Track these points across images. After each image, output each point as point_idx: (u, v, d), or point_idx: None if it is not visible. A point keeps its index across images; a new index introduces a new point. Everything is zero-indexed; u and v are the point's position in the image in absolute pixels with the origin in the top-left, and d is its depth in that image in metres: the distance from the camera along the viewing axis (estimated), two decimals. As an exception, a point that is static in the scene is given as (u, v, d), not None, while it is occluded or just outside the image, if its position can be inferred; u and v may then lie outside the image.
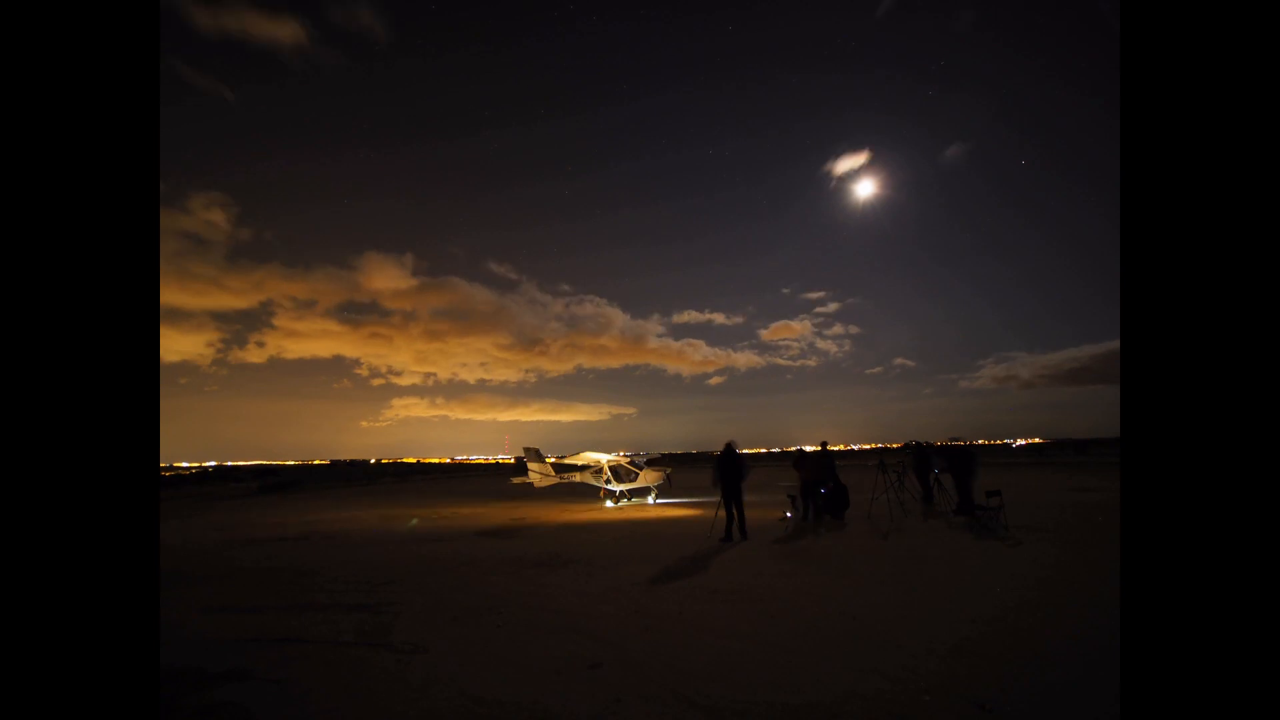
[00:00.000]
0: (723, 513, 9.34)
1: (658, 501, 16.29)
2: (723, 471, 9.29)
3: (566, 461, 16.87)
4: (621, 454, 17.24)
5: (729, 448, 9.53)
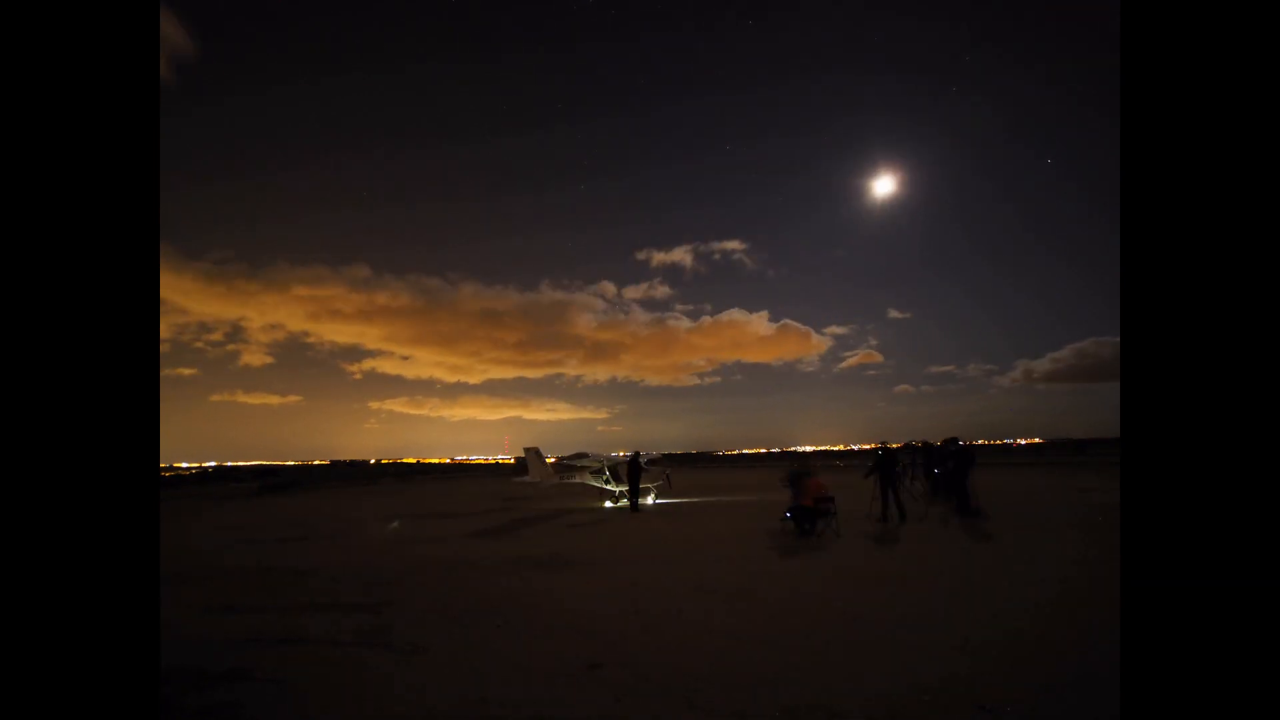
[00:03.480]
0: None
1: (657, 502, 16.29)
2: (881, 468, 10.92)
3: (567, 462, 16.86)
4: (621, 454, 17.23)
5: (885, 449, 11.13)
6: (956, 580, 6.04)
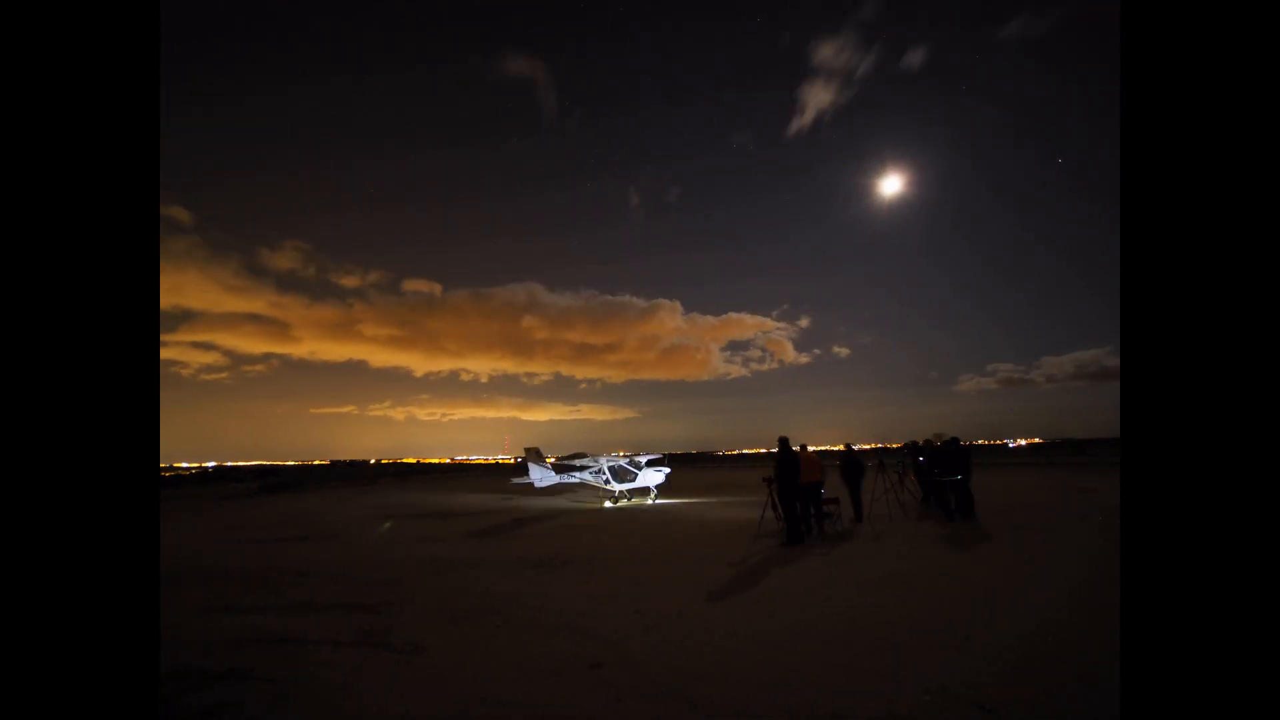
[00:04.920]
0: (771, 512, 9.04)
1: (657, 502, 16.29)
2: (781, 470, 8.80)
3: (566, 462, 16.87)
4: (621, 454, 17.24)
5: (783, 443, 9.04)
6: (957, 580, 6.04)
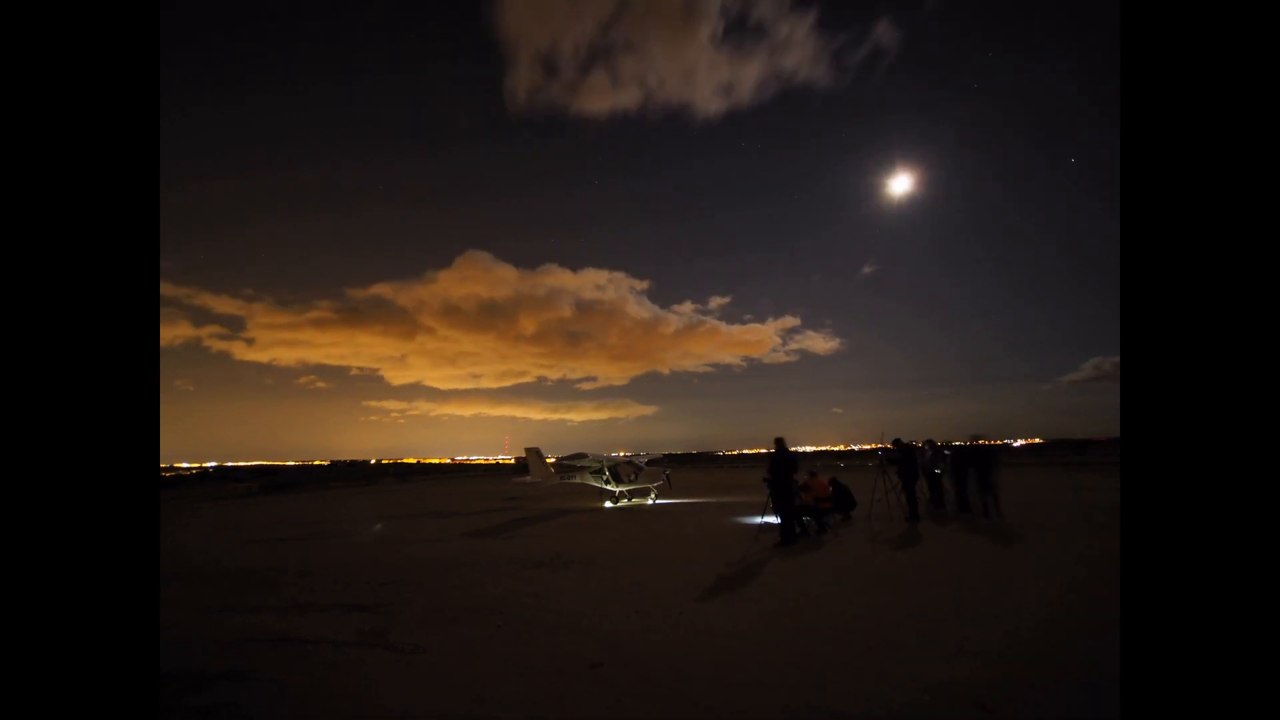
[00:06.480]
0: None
1: (657, 502, 16.29)
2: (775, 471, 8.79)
3: (566, 462, 16.87)
4: (622, 454, 17.24)
5: (779, 443, 9.02)
6: (956, 580, 6.04)
